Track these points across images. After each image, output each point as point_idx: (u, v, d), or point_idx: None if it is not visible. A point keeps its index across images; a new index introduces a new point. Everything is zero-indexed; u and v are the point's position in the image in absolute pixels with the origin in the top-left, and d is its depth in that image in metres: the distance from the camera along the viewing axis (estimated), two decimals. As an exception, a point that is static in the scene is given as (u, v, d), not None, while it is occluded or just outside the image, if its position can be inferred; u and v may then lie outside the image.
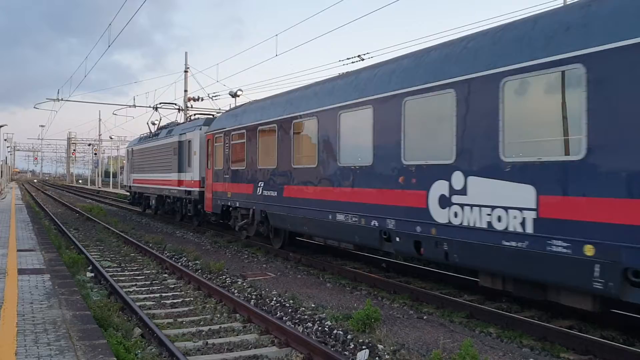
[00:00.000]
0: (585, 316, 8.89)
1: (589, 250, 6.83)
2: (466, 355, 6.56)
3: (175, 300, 10.93)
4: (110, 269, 14.18)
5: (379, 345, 7.72)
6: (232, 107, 21.88)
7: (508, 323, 8.79)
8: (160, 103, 33.06)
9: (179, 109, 37.45)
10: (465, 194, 8.80)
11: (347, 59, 14.99)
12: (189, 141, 23.03)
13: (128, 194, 36.52)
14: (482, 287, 9.73)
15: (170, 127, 27.42)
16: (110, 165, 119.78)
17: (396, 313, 9.82)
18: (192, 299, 11.09)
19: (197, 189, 22.02)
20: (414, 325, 9.09)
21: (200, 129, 22.05)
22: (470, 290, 11.14)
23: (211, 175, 20.45)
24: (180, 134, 24.18)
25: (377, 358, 7.35)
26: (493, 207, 8.26)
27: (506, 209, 8.05)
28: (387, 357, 7.36)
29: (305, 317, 9.38)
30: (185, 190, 23.40)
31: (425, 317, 9.55)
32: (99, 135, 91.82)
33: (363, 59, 38.04)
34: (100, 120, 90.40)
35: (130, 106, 49.82)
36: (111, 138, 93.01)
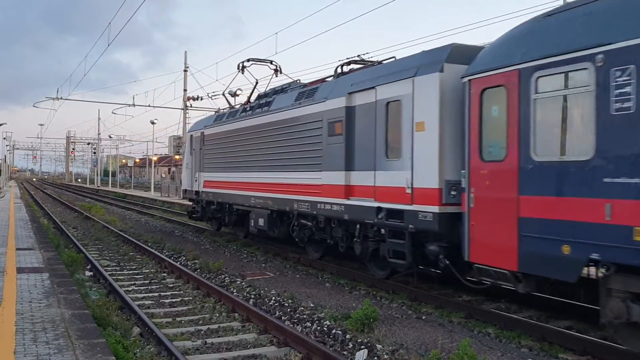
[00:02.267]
0: (585, 316, 8.90)
1: None
2: (464, 355, 6.57)
3: (174, 300, 10.94)
4: (109, 268, 14.18)
5: (377, 345, 7.72)
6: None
7: (507, 323, 8.80)
8: (249, 60, 19.96)
9: (276, 70, 19.69)
10: None
11: (347, 58, 14.40)
12: (394, 102, 10.59)
13: (189, 202, 24.15)
14: (480, 288, 9.71)
15: (301, 88, 14.93)
16: (109, 164, 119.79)
17: (395, 313, 9.83)
18: (190, 298, 11.09)
19: (435, 208, 9.43)
20: (412, 325, 9.10)
21: (441, 70, 9.49)
22: (469, 291, 11.14)
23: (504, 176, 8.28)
24: (361, 91, 11.60)
25: (375, 358, 7.36)
26: None
27: None
28: (385, 357, 7.37)
29: (304, 316, 9.38)
30: (382, 209, 10.77)
31: (423, 317, 9.56)
32: (98, 134, 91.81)
33: (363, 59, 38.12)
34: (99, 119, 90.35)
35: (129, 105, 49.86)
36: (110, 137, 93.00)
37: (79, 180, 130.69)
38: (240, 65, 19.59)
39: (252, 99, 18.39)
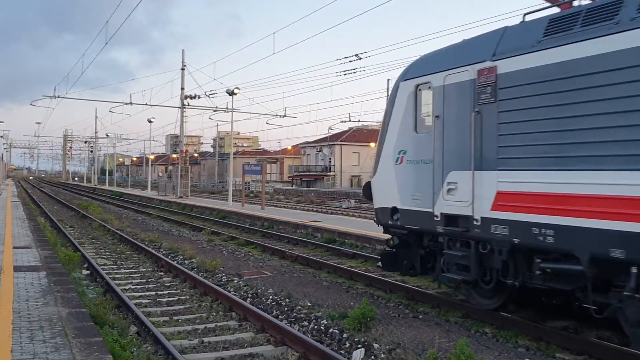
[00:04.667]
0: (582, 317, 8.91)
1: None
2: (461, 355, 6.57)
3: (171, 299, 10.92)
4: (105, 267, 14.16)
5: (374, 344, 7.72)
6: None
7: (504, 323, 8.81)
8: None
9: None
10: None
11: (345, 57, 14.44)
12: None
13: (390, 234, 10.84)
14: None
15: None
16: (106, 163, 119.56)
17: (392, 312, 9.84)
18: (187, 297, 11.08)
19: None
20: (409, 324, 9.10)
21: None
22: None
23: None
24: None
25: (372, 357, 7.36)
26: None
27: None
28: (382, 356, 7.37)
29: (301, 315, 9.38)
30: None
31: (421, 317, 9.56)
32: (95, 132, 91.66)
33: (360, 58, 38.20)
34: (96, 117, 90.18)
35: (126, 104, 49.80)
36: (107, 136, 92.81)
37: (76, 178, 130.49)
38: None
39: None
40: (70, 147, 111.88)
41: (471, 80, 8.55)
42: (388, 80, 44.42)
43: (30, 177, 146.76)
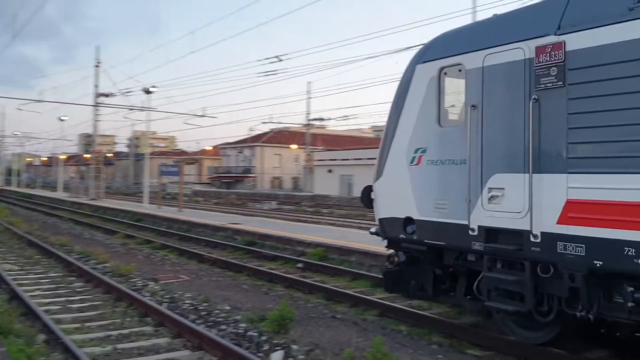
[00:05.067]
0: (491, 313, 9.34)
1: None
2: (377, 353, 6.70)
3: (82, 305, 10.49)
4: (11, 272, 13.40)
5: (293, 346, 7.75)
6: None
7: (418, 320, 9.08)
8: None
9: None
10: None
11: (266, 58, 14.46)
12: None
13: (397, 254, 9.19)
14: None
15: None
16: (14, 162, 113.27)
17: (311, 313, 9.91)
18: (101, 302, 10.67)
19: None
20: (328, 324, 9.20)
21: None
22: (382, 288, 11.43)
23: None
24: None
25: (291, 359, 7.38)
26: None
27: None
28: (301, 357, 7.41)
29: (220, 319, 9.26)
30: None
31: (339, 316, 9.68)
32: (2, 130, 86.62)
33: (281, 60, 38.27)
34: (3, 115, 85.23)
35: (36, 101, 47.43)
36: (15, 134, 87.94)
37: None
38: None
39: None
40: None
41: (526, 60, 6.77)
42: (309, 82, 44.54)
43: None
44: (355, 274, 12.91)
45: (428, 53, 8.28)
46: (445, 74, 7.93)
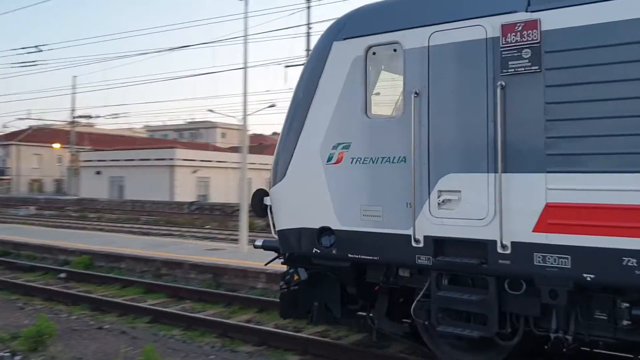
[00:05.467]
0: (263, 309, 9.66)
1: None
2: (147, 361, 6.47)
3: None
4: None
5: (53, 363, 7.10)
6: None
7: (191, 323, 8.98)
8: None
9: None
10: None
11: (22, 48, 13.11)
12: None
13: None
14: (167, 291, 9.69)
15: None
16: None
17: (75, 325, 9.17)
18: None
19: None
20: (93, 336, 8.60)
21: None
22: (156, 294, 11.10)
23: None
24: None
25: (50, 377, 6.75)
26: None
27: None
28: (62, 374, 6.82)
29: (-38, 342, 8.10)
30: None
31: (106, 327, 9.11)
32: None
33: (41, 50, 35.02)
34: None
35: None
36: None
37: None
38: None
39: None
40: None
41: (488, 39, 5.79)
42: (74, 77, 41.48)
43: None
44: (125, 281, 12.32)
45: (350, 28, 6.79)
46: (374, 53, 6.57)
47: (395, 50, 6.42)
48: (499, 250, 5.60)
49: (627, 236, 4.98)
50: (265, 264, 8.38)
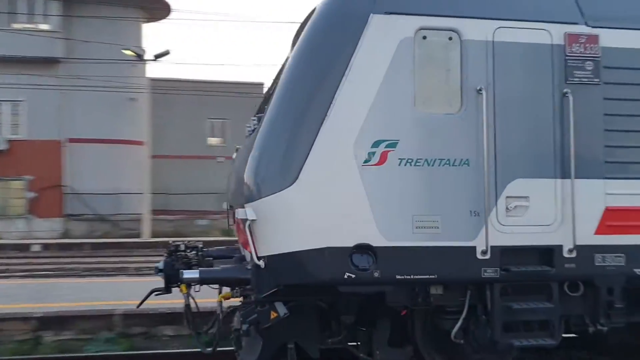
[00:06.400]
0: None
1: None
2: None
3: None
4: None
5: None
6: None
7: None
8: None
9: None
10: None
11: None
12: None
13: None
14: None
15: None
16: None
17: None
18: None
19: None
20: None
21: None
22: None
23: None
24: None
25: None
26: None
27: None
28: None
29: None
30: None
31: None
32: None
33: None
34: None
35: None
36: None
37: None
38: None
39: None
40: None
41: (554, 45, 5.82)
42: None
43: None
44: None
45: (394, 0, 5.72)
46: (424, 37, 5.67)
47: (450, 38, 5.71)
48: (565, 254, 5.72)
49: None
50: (138, 306, 6.71)
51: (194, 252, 6.60)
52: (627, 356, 7.18)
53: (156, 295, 6.37)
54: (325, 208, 5.42)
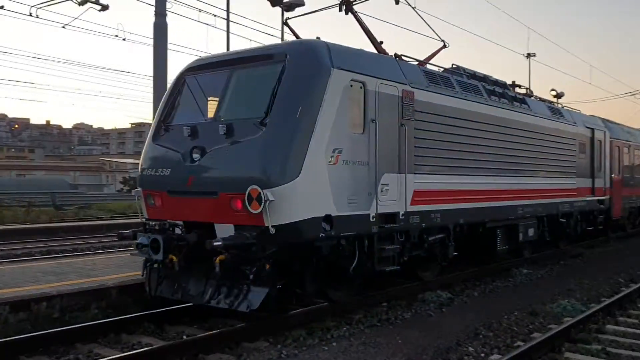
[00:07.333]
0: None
1: None
2: None
3: None
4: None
5: None
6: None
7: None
8: None
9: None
10: None
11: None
12: (600, 141, 19.07)
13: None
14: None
15: (544, 104, 16.78)
16: None
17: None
18: None
19: (608, 197, 19.08)
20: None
21: (605, 132, 19.39)
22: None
23: (620, 180, 20.34)
24: (588, 127, 18.41)
25: None
26: None
27: None
28: None
29: None
30: (598, 200, 18.63)
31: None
32: None
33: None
34: None
35: None
36: None
37: None
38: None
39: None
40: None
41: (398, 96, 9.77)
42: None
43: None
44: None
45: (340, 59, 8.80)
46: (351, 86, 8.84)
47: (361, 87, 9.10)
48: (401, 217, 9.86)
49: (438, 204, 10.67)
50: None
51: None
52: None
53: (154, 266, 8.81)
54: (313, 192, 8.32)
